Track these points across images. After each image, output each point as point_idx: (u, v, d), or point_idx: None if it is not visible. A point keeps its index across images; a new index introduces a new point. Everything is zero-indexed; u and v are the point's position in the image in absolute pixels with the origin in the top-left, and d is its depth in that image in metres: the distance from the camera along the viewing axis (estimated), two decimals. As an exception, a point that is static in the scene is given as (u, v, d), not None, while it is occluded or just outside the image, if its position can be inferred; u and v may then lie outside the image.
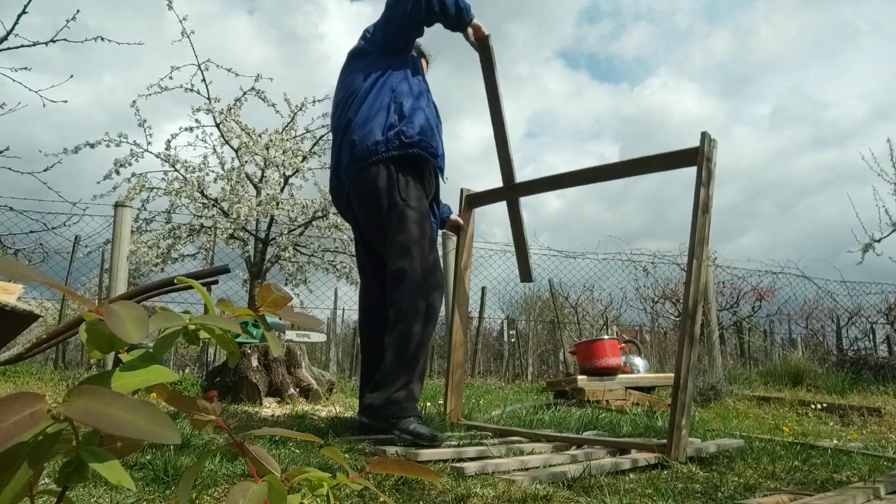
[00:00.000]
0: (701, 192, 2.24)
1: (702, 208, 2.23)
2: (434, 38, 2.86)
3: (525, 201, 3.03)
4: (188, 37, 5.55)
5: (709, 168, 2.27)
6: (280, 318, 0.61)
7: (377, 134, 2.51)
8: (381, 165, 2.49)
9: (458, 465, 1.85)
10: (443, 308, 2.67)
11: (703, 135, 2.29)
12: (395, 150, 2.49)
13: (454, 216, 3.07)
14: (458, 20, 2.63)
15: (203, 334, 0.53)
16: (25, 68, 4.23)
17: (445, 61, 3.19)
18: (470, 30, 2.73)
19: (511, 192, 2.99)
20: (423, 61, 2.92)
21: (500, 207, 3.13)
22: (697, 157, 2.28)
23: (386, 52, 2.68)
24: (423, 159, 2.55)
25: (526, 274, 3.16)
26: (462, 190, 3.16)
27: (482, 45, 2.81)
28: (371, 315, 2.70)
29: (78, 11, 4.04)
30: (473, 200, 3.14)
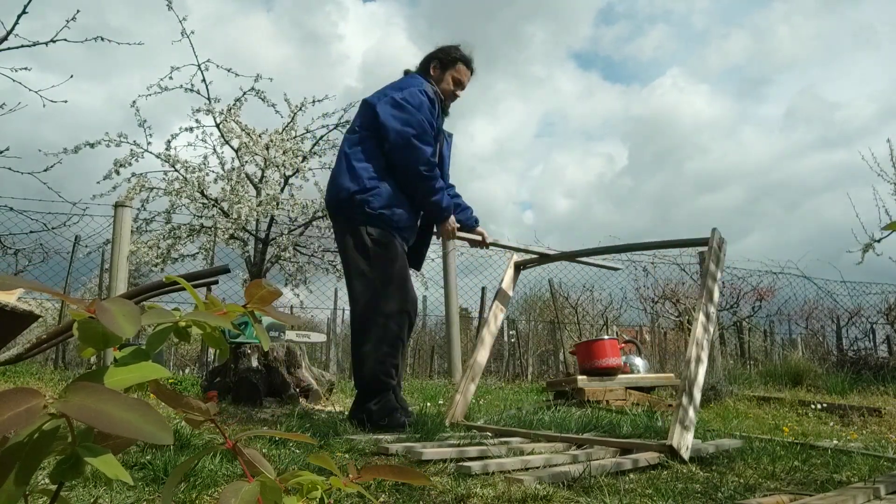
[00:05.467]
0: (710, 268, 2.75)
1: (709, 284, 2.70)
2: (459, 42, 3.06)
3: (533, 202, 3.29)
4: (188, 37, 5.55)
5: (717, 256, 2.78)
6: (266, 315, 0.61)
7: (343, 192, 2.79)
8: (350, 223, 2.80)
9: (461, 463, 1.85)
10: (442, 309, 2.86)
11: (716, 235, 2.82)
12: (360, 216, 2.78)
13: (479, 229, 3.30)
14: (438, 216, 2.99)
15: (195, 331, 0.52)
16: (25, 68, 4.23)
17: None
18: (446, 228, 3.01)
19: (544, 259, 3.84)
20: (469, 72, 3.11)
21: (508, 209, 3.32)
22: (709, 250, 2.81)
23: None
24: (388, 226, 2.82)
25: None
26: (513, 260, 3.72)
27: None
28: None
29: (78, 11, 4.04)
30: (520, 266, 3.78)
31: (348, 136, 2.94)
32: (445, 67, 3.07)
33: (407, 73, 3.13)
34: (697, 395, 2.41)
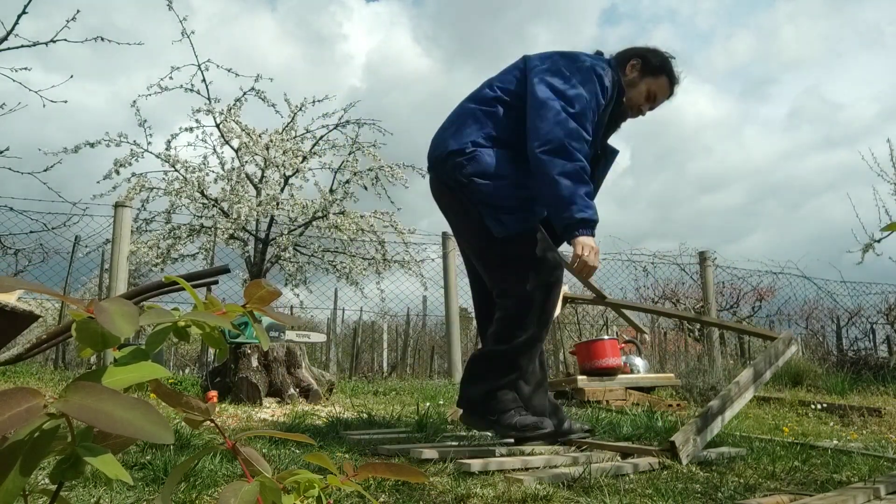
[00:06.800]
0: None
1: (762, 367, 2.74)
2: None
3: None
4: (188, 37, 5.55)
5: (779, 350, 2.84)
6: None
7: (453, 144, 2.28)
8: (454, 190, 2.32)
9: (461, 461, 1.85)
10: (443, 309, 2.65)
11: (789, 336, 2.94)
12: (461, 177, 2.25)
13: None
14: (562, 215, 2.12)
15: (195, 331, 0.53)
16: (25, 68, 4.23)
17: (469, 63, 3.10)
18: (578, 246, 2.10)
19: (597, 301, 3.84)
20: (669, 93, 2.46)
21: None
22: (776, 342, 2.89)
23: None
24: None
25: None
26: (563, 293, 3.66)
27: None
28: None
29: (78, 11, 4.04)
30: (568, 300, 3.89)
31: (477, 94, 2.34)
32: (646, 73, 2.40)
33: (598, 53, 2.46)
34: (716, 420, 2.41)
